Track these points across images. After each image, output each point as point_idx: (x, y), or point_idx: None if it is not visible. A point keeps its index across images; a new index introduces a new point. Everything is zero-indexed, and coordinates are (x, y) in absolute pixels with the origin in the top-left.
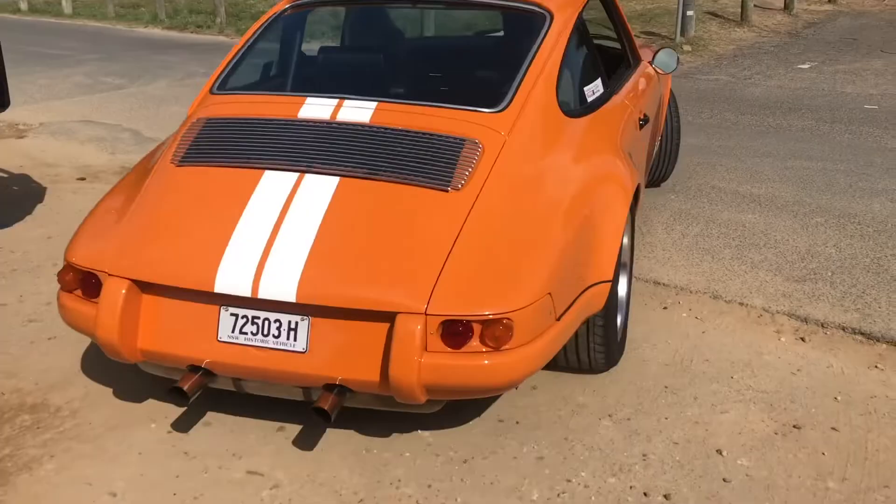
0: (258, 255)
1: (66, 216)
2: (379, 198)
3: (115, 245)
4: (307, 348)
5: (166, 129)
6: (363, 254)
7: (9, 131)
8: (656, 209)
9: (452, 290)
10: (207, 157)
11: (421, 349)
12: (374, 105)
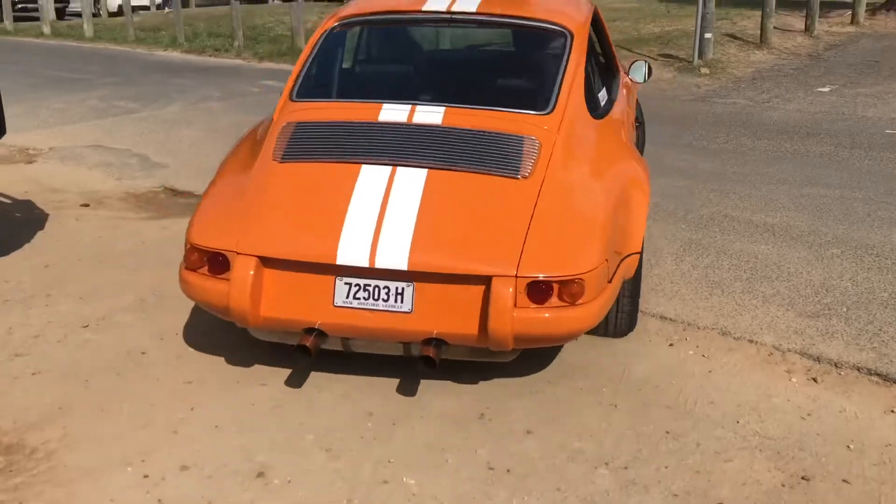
0: (371, 234)
1: (66, 245)
2: (463, 185)
3: (239, 229)
4: (412, 309)
5: (175, 153)
6: (459, 230)
7: (19, 156)
8: (666, 239)
9: (535, 258)
10: (306, 155)
11: (513, 306)
12: (443, 110)
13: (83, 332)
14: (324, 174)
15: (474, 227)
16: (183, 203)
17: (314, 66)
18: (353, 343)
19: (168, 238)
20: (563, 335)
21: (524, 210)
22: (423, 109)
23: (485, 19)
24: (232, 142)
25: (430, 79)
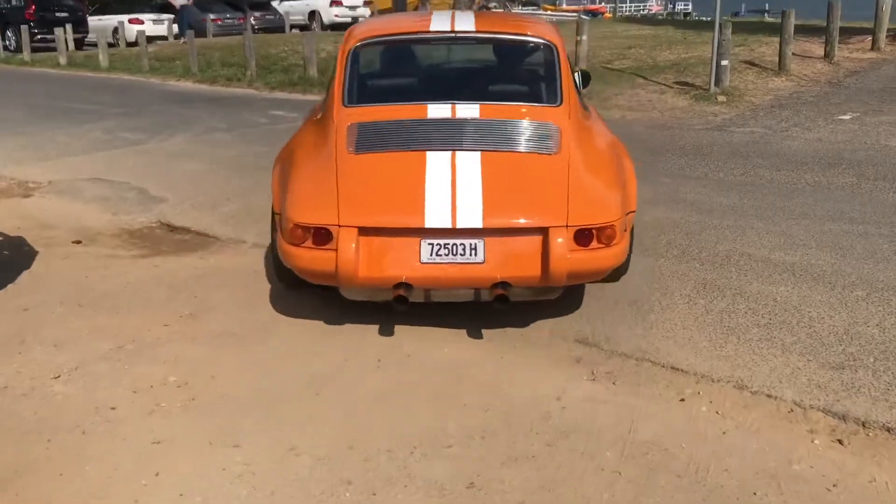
0: (449, 202)
1: (49, 286)
2: (509, 162)
3: (336, 207)
4: (484, 260)
5: (174, 187)
6: (516, 195)
7: (17, 190)
8: (678, 278)
9: (578, 212)
10: (376, 147)
11: (567, 249)
12: (478, 105)
13: (53, 383)
14: (396, 161)
15: (527, 192)
16: (178, 239)
17: (352, 78)
18: (433, 293)
19: (156, 278)
20: (602, 270)
21: (561, 177)
22: (462, 106)
23: (483, 36)
24: (233, 175)
25: (457, 83)
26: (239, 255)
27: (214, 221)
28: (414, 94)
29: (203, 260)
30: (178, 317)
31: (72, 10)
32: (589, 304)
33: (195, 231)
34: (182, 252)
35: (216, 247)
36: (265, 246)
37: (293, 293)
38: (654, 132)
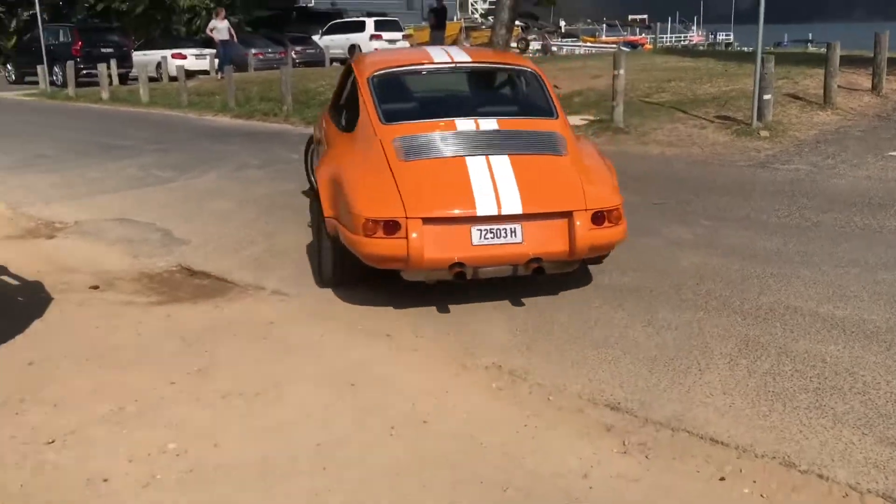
0: (493, 195)
1: (58, 337)
2: (533, 161)
3: (402, 203)
4: (522, 240)
5: (200, 228)
6: (544, 187)
7: (43, 230)
8: (718, 335)
9: (592, 198)
10: (421, 155)
11: (587, 228)
12: (496, 119)
13: (45, 450)
14: (441, 165)
15: (551, 184)
16: (196, 285)
17: (381, 101)
18: (481, 271)
19: (168, 329)
20: (612, 244)
21: (573, 173)
22: (483, 121)
23: (478, 65)
24: (262, 214)
25: (469, 102)
26: (256, 304)
27: (235, 265)
28: (437, 112)
29: (218, 309)
30: (185, 373)
31: (117, 45)
32: (623, 362)
33: (214, 276)
34: (199, 299)
35: (234, 293)
36: (284, 293)
37: (305, 347)
38: (693, 169)
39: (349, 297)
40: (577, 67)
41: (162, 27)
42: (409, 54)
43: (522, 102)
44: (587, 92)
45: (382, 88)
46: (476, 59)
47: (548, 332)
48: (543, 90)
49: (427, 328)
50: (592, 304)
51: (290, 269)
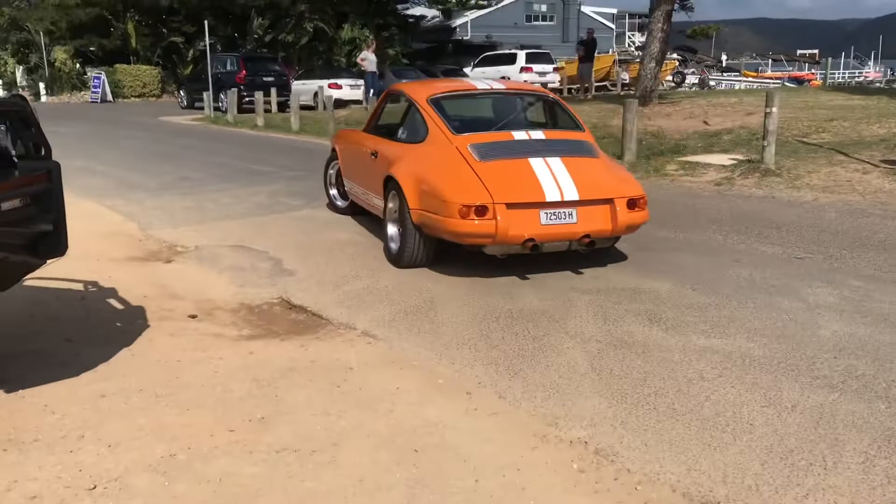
0: (555, 185)
1: (138, 369)
2: (578, 162)
3: (488, 192)
4: (577, 221)
5: (309, 259)
6: (591, 180)
7: (164, 254)
8: (854, 425)
9: (626, 189)
10: (492, 157)
11: (624, 211)
12: (542, 132)
13: (84, 497)
14: (511, 164)
15: (595, 178)
16: (291, 319)
17: (445, 118)
18: (543, 246)
19: (246, 368)
20: (641, 224)
21: (607, 170)
22: (532, 133)
23: (511, 92)
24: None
25: (519, 119)
26: (342, 345)
27: (333, 301)
28: (493, 126)
29: (303, 348)
30: (247, 420)
31: (278, 74)
32: (731, 449)
33: (311, 311)
34: (289, 335)
35: (324, 331)
36: (373, 335)
37: (377, 400)
38: (849, 219)
39: (437, 342)
40: (731, 103)
41: (324, 58)
42: (457, 83)
43: (554, 120)
44: (738, 130)
45: (442, 108)
46: (508, 88)
47: (649, 405)
48: (566, 111)
49: (514, 388)
50: (706, 375)
51: (385, 309)
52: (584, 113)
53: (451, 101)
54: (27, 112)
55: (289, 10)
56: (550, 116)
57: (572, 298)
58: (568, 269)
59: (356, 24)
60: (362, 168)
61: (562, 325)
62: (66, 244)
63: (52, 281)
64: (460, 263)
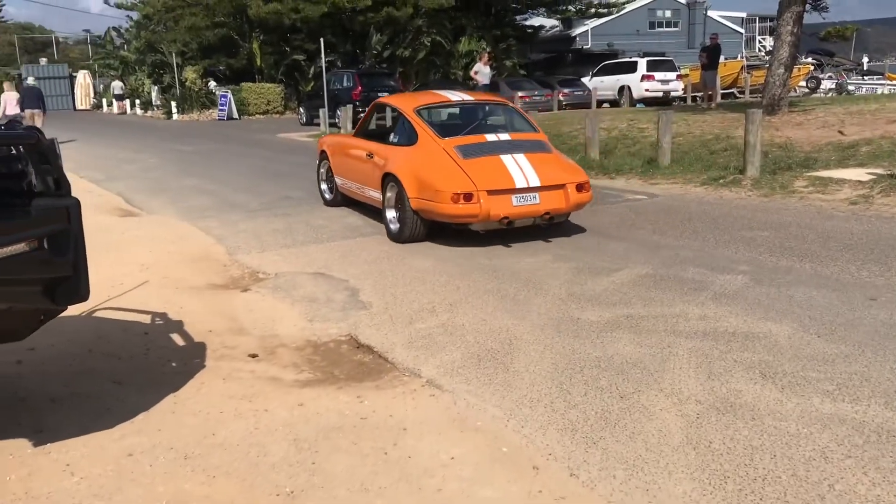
0: (522, 175)
1: (178, 420)
2: (537, 157)
3: (473, 182)
4: (539, 202)
5: (387, 291)
6: (549, 170)
7: (245, 280)
8: None
9: (574, 176)
10: (472, 155)
11: (574, 193)
12: (508, 134)
13: None
14: (487, 160)
15: (551, 169)
16: (355, 361)
17: (430, 125)
18: (516, 222)
19: (289, 425)
20: (586, 202)
21: (560, 162)
22: (500, 135)
23: (478, 102)
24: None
25: (485, 122)
26: (401, 397)
27: (403, 340)
28: (466, 129)
29: (358, 400)
30: (274, 494)
31: (392, 90)
32: None
33: (377, 352)
34: (348, 382)
35: (386, 379)
36: (438, 385)
37: (426, 474)
38: None
39: (508, 396)
40: (871, 110)
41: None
42: (436, 95)
43: (512, 122)
44: (879, 140)
45: (426, 116)
46: (476, 99)
47: (755, 494)
48: (522, 116)
49: (590, 462)
50: (830, 455)
51: (457, 352)
52: (705, 122)
53: (432, 111)
54: (44, 145)
55: (407, 26)
56: (510, 121)
57: (673, 345)
58: (669, 308)
59: (473, 37)
60: (357, 167)
61: (657, 380)
62: (87, 289)
63: (122, 312)
64: (549, 298)
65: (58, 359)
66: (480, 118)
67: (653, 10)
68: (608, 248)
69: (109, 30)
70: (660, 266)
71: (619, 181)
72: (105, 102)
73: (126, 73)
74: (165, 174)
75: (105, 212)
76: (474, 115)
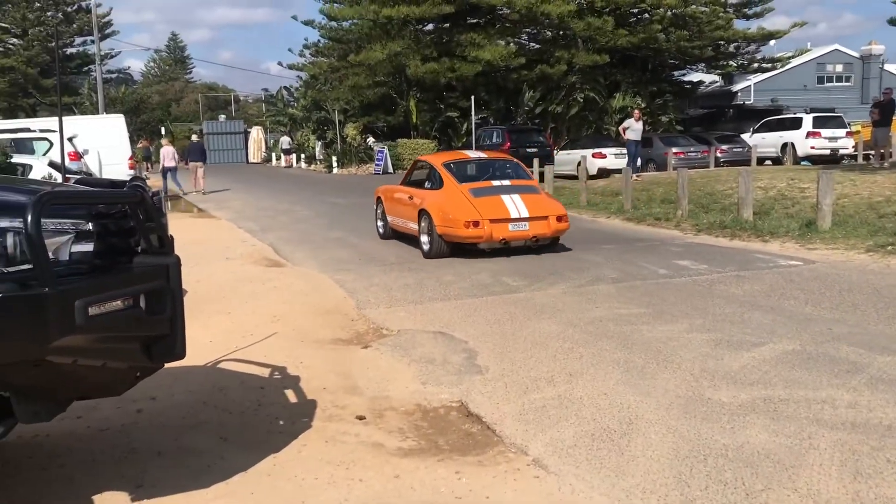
0: (515, 208)
1: (269, 488)
2: (529, 196)
3: (479, 212)
4: (528, 228)
5: (506, 355)
6: (536, 205)
7: (368, 336)
8: None
9: (556, 210)
10: (480, 195)
11: (555, 222)
12: (508, 181)
13: None
14: (491, 199)
15: (538, 205)
16: (462, 432)
17: (452, 174)
18: (511, 243)
19: (378, 498)
20: (565, 230)
21: (544, 201)
22: (503, 181)
23: (491, 158)
24: (580, 344)
25: (494, 173)
26: (502, 478)
27: (514, 412)
28: (480, 178)
29: (457, 476)
30: None
31: (541, 145)
32: None
33: (486, 423)
34: (450, 454)
35: (490, 454)
36: (543, 466)
37: None
38: None
39: (619, 484)
40: None
41: (594, 127)
42: (460, 153)
43: (514, 173)
44: None
45: (451, 168)
46: (489, 156)
47: None
48: (521, 168)
49: None
50: None
51: (570, 429)
52: (875, 183)
53: (455, 164)
54: (148, 204)
55: (560, 82)
56: (513, 171)
57: (814, 435)
58: (814, 391)
59: (628, 93)
60: (402, 207)
61: (791, 477)
62: (183, 348)
63: (245, 364)
64: (680, 373)
65: (174, 409)
66: (490, 170)
67: (822, 65)
68: (752, 318)
69: (281, 89)
70: (809, 342)
71: (773, 244)
72: (274, 156)
73: (293, 128)
74: (315, 226)
75: (253, 262)
76: (486, 167)
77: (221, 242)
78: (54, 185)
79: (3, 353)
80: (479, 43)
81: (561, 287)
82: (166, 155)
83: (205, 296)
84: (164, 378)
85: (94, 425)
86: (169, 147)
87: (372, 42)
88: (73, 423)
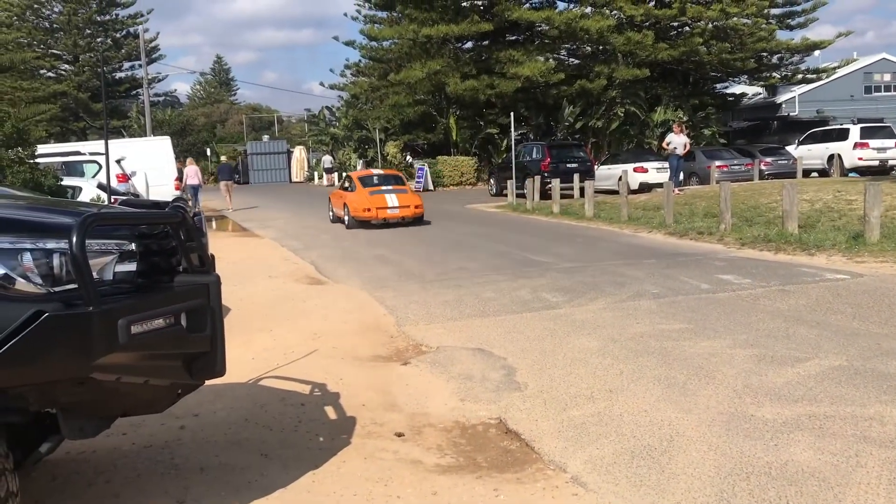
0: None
1: (309, 501)
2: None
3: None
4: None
5: (545, 371)
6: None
7: (407, 353)
8: None
9: (416, 202)
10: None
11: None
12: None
13: None
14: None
15: (405, 199)
16: (500, 448)
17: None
18: (389, 221)
19: None
20: (421, 214)
21: (410, 196)
22: (388, 186)
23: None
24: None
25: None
26: (540, 495)
27: (553, 429)
28: (376, 184)
29: (494, 494)
30: None
31: (582, 160)
32: None
33: (524, 439)
34: (488, 472)
35: (529, 472)
36: (582, 483)
37: None
38: None
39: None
40: None
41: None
42: (366, 171)
43: (396, 182)
44: None
45: (361, 179)
46: (384, 172)
47: None
48: (402, 178)
49: None
50: None
51: (609, 447)
52: None
53: (362, 177)
54: (189, 224)
55: (600, 97)
56: (395, 181)
57: (861, 453)
58: (862, 408)
59: (669, 106)
60: (337, 202)
61: (837, 496)
62: (223, 365)
63: (285, 381)
64: (722, 389)
65: (216, 426)
66: (383, 179)
67: (869, 74)
68: (797, 333)
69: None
70: (856, 357)
71: (820, 258)
72: (316, 175)
73: (335, 147)
74: (356, 244)
75: (295, 280)
76: (382, 178)
77: (265, 261)
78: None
79: (49, 370)
80: (518, 59)
81: (601, 303)
82: (189, 174)
83: (247, 313)
84: (206, 395)
85: (138, 441)
86: (193, 166)
87: (412, 61)
88: (118, 440)
